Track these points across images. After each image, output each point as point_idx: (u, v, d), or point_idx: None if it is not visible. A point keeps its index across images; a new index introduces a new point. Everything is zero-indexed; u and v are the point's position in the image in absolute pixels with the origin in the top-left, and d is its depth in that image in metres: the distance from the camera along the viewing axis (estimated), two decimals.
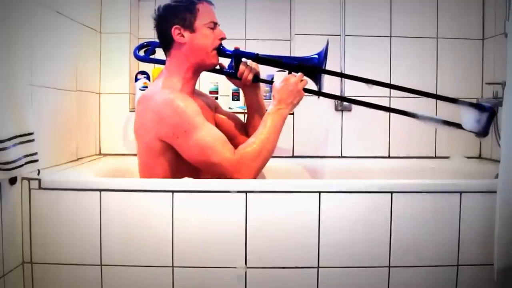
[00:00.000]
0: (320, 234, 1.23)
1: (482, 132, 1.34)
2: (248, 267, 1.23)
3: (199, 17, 1.37)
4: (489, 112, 1.33)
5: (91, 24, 1.80)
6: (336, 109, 1.95)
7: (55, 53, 1.49)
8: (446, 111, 1.41)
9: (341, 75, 1.76)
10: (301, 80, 1.38)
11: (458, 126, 1.36)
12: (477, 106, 1.34)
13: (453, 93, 1.94)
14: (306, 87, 1.39)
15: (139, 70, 1.98)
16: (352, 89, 1.84)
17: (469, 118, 1.34)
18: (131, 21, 1.93)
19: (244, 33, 2.06)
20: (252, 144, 1.30)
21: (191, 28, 1.36)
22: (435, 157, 1.97)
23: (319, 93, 1.43)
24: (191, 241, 1.22)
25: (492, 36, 1.91)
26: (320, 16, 1.94)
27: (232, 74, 1.47)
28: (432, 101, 1.77)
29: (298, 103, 1.38)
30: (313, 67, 1.40)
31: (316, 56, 1.41)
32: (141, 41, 1.83)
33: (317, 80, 1.41)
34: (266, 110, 1.40)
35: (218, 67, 1.47)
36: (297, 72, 1.39)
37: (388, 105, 1.84)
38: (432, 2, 1.97)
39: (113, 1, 1.89)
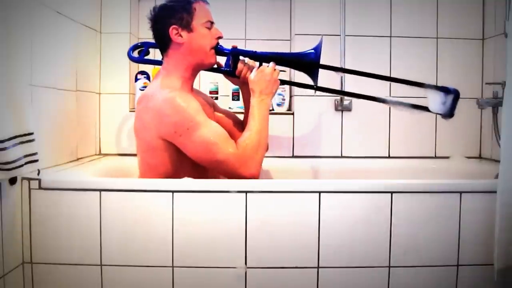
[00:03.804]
0: (320, 234, 1.23)
1: (448, 114, 1.39)
2: (248, 267, 1.23)
3: (196, 16, 1.37)
4: (454, 94, 1.37)
5: (91, 24, 1.80)
6: (336, 109, 1.95)
7: (55, 53, 1.49)
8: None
9: (335, 68, 1.76)
10: (274, 69, 1.40)
11: (426, 109, 1.40)
12: (443, 89, 1.38)
13: None
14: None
15: (139, 70, 1.98)
16: (353, 87, 1.84)
17: (435, 101, 1.39)
18: (131, 21, 1.93)
19: (244, 33, 2.06)
20: (250, 136, 1.31)
21: (188, 27, 1.37)
22: (435, 157, 1.96)
23: (290, 83, 1.57)
24: (191, 241, 1.22)
25: (492, 36, 1.91)
26: (320, 16, 1.94)
27: (230, 72, 1.48)
28: None
29: (276, 91, 1.43)
30: (310, 63, 1.42)
31: (313, 51, 1.42)
32: (141, 41, 1.82)
33: (314, 75, 1.42)
34: None
35: (216, 66, 1.48)
36: (293, 67, 1.42)
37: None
38: (432, 2, 1.96)
39: (113, 1, 1.89)
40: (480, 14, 1.97)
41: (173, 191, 1.22)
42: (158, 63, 1.51)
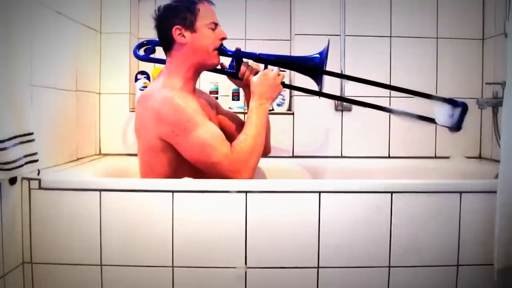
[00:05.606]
0: (320, 234, 1.23)
1: (455, 127, 1.36)
2: (248, 267, 1.23)
3: (200, 17, 1.37)
4: (462, 107, 1.35)
5: (91, 24, 1.80)
6: (336, 109, 1.95)
7: (55, 53, 1.49)
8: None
9: (340, 75, 1.76)
10: (278, 74, 1.39)
11: (432, 121, 1.38)
12: (450, 101, 1.36)
13: (453, 93, 1.94)
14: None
15: (139, 70, 1.98)
16: (352, 90, 1.85)
17: (442, 113, 1.37)
18: (131, 21, 1.93)
19: (244, 33, 2.06)
20: (245, 141, 1.30)
21: (192, 28, 1.36)
22: (435, 157, 1.97)
23: (294, 87, 1.54)
24: (191, 241, 1.22)
25: (492, 36, 1.91)
26: (320, 16, 1.94)
27: (233, 74, 1.47)
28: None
29: (277, 97, 1.41)
30: (313, 67, 1.40)
31: (318, 55, 1.41)
32: (147, 39, 1.82)
33: (318, 80, 1.41)
34: None
35: (219, 66, 1.47)
36: (298, 71, 1.41)
37: (388, 105, 1.86)
38: (432, 2, 1.97)
39: (113, 1, 1.89)
40: (480, 14, 1.97)
41: (173, 191, 1.22)
42: (163, 62, 1.49)
